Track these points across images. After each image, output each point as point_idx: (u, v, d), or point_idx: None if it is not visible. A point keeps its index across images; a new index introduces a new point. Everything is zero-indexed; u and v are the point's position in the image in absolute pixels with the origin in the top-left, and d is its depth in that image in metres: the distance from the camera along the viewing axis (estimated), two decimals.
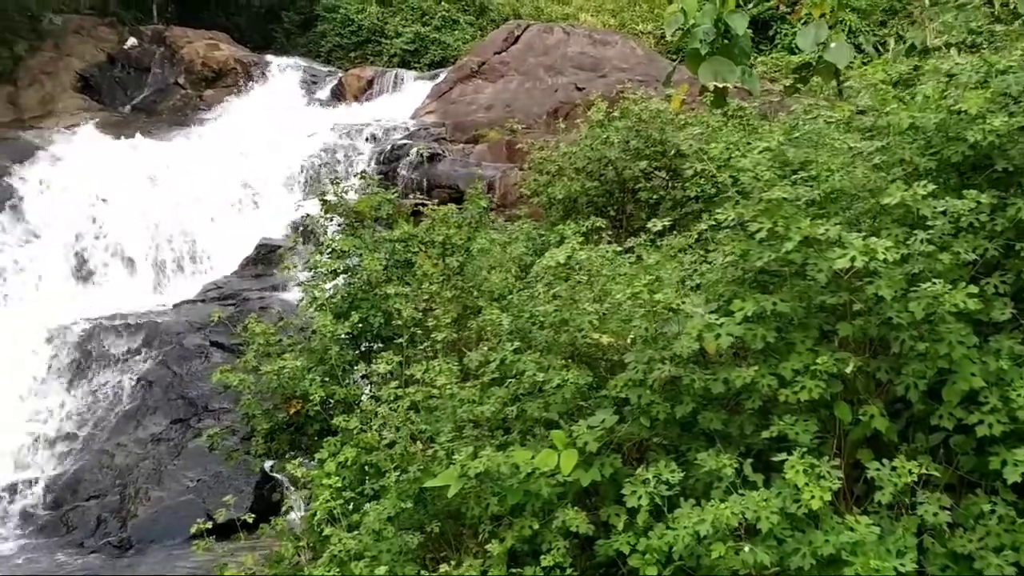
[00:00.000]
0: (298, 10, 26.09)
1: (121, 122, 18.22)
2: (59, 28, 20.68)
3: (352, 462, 4.35)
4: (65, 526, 9.60)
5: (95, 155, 15.24)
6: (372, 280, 5.27)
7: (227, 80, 21.11)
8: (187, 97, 20.76)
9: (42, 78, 20.05)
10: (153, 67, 21.44)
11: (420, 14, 25.34)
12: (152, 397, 11.11)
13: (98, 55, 21.39)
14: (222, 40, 22.21)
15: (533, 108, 18.08)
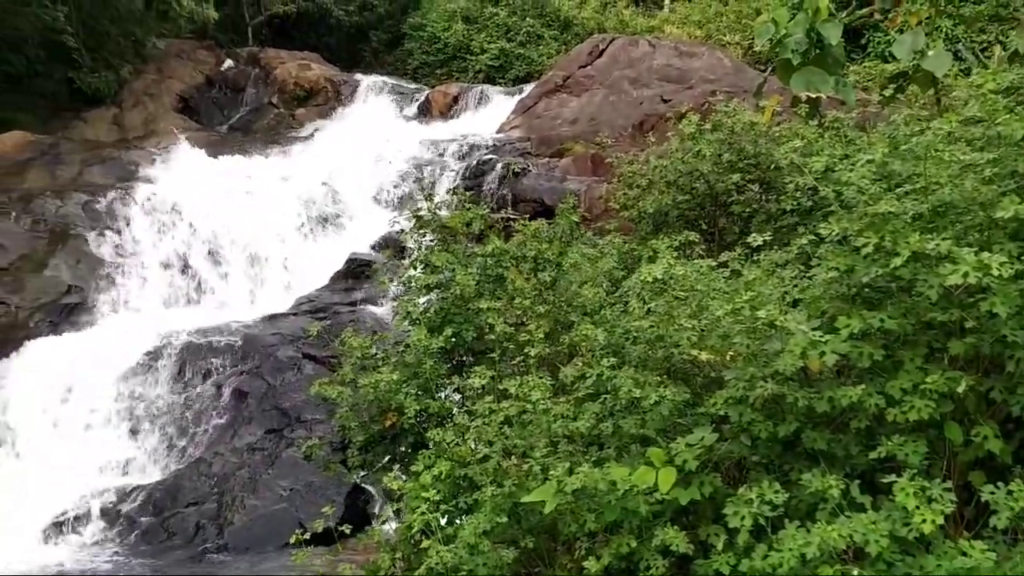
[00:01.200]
0: (386, 29, 26.67)
1: (218, 141, 18.85)
2: (161, 52, 21.60)
3: (446, 475, 4.38)
4: (166, 532, 9.86)
5: (193, 173, 15.77)
6: (465, 295, 5.32)
7: (318, 99, 21.70)
8: (280, 116, 21.42)
9: (145, 100, 20.96)
10: (248, 88, 22.20)
11: (505, 30, 25.60)
12: (247, 408, 11.33)
13: (197, 77, 22.27)
14: (313, 60, 22.86)
15: (618, 121, 18.02)
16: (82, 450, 10.88)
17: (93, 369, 11.54)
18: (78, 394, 11.37)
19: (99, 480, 10.46)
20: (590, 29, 25.31)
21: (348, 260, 14.17)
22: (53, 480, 10.35)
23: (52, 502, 10.02)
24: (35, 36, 18.97)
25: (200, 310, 13.63)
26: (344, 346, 5.60)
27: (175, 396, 11.57)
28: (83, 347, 11.98)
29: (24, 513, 9.83)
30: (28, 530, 9.67)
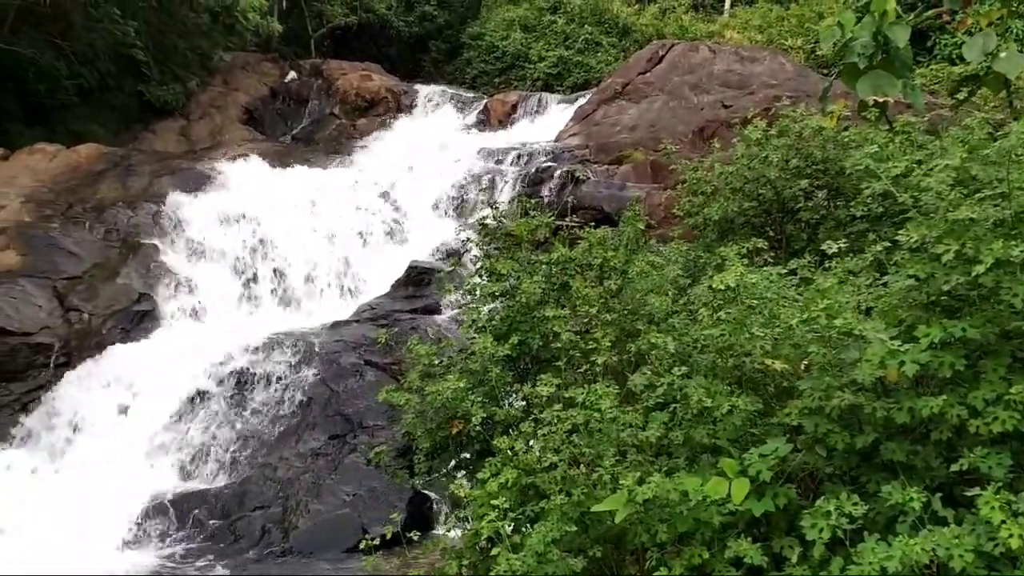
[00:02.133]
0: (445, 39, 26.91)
1: (282, 151, 19.18)
2: (227, 64, 22.10)
3: (513, 483, 4.38)
4: (233, 535, 10.01)
5: (258, 183, 16.07)
6: (530, 303, 5.32)
7: (379, 109, 21.98)
8: (342, 126, 21.74)
9: (211, 111, 21.45)
10: (311, 99, 22.59)
11: (563, 38, 25.64)
12: (311, 413, 11.46)
13: (261, 89, 22.73)
14: (374, 71, 23.17)
15: (678, 127, 17.88)
16: (153, 454, 11.12)
17: (163, 375, 11.79)
18: (148, 400, 11.62)
19: (170, 484, 10.66)
20: (649, 35, 25.21)
21: (408, 268, 14.28)
22: (125, 484, 10.57)
23: (125, 506, 10.22)
24: (107, 51, 19.59)
25: (265, 317, 13.87)
26: (411, 353, 5.64)
27: (241, 401, 11.74)
28: (153, 353, 12.26)
29: (98, 517, 10.04)
30: (102, 534, 9.87)
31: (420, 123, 21.20)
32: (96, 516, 10.07)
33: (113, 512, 10.14)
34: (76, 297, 12.74)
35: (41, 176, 15.01)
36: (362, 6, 25.79)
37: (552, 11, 26.31)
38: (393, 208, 16.25)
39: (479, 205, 16.37)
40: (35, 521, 9.97)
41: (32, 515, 10.09)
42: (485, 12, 27.31)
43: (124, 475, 10.75)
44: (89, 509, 10.17)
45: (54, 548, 9.39)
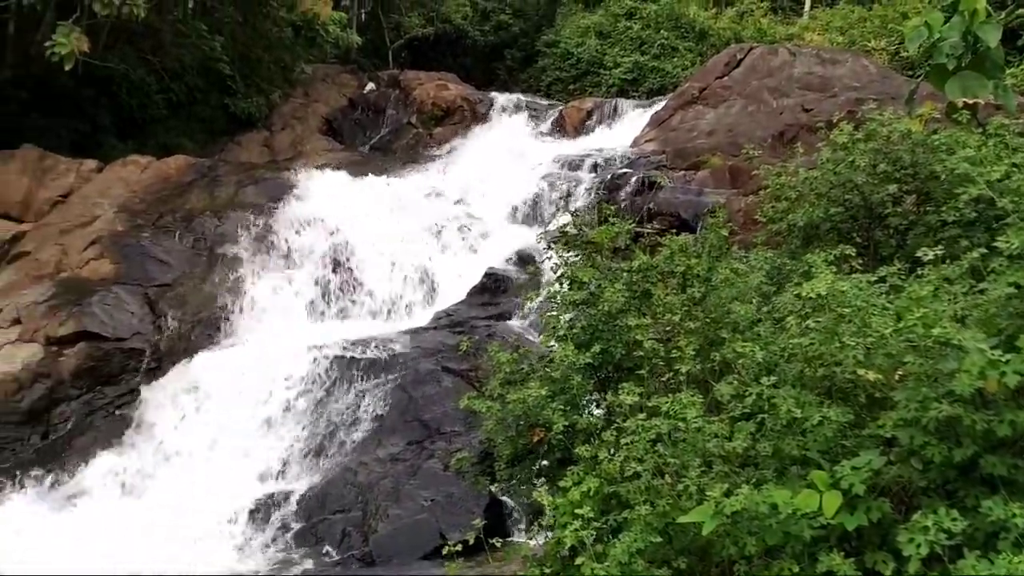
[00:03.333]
0: (520, 47, 27.07)
1: (360, 161, 19.54)
2: (308, 77, 22.63)
3: (595, 492, 4.36)
4: (315, 537, 10.17)
5: (337, 192, 16.38)
6: (611, 311, 5.30)
7: (455, 118, 22.20)
8: (418, 135, 22.03)
9: (293, 123, 21.99)
10: (388, 109, 22.96)
11: (639, 43, 25.52)
12: (390, 419, 11.58)
13: (340, 100, 23.20)
14: (450, 80, 23.42)
15: (757, 132, 17.59)
16: (237, 458, 11.39)
17: (248, 381, 12.09)
18: (233, 405, 11.92)
19: (254, 487, 10.90)
20: (726, 39, 24.90)
21: (485, 275, 14.36)
22: (211, 486, 10.86)
23: (211, 508, 10.49)
24: (195, 66, 20.29)
25: (345, 324, 14.10)
26: (492, 361, 5.66)
27: (323, 406, 11.93)
28: (238, 360, 12.58)
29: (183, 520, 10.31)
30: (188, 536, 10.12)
31: (495, 131, 21.33)
32: (183, 518, 10.36)
33: (199, 514, 10.42)
34: (166, 304, 13.19)
35: (133, 187, 15.59)
36: (439, 17, 26.15)
37: (628, 17, 26.20)
38: (469, 216, 16.37)
39: (555, 212, 16.38)
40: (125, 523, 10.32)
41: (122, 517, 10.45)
42: (560, 20, 27.36)
43: (210, 478, 11.04)
44: (176, 511, 10.48)
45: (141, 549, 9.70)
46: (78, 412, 11.92)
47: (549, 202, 16.41)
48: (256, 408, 11.88)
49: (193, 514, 10.40)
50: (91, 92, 18.74)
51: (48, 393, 11.79)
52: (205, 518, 10.35)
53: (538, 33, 27.15)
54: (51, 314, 12.44)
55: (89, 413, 11.96)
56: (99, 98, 19.08)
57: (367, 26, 25.36)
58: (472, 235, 15.92)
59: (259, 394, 11.98)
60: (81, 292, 12.87)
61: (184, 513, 10.42)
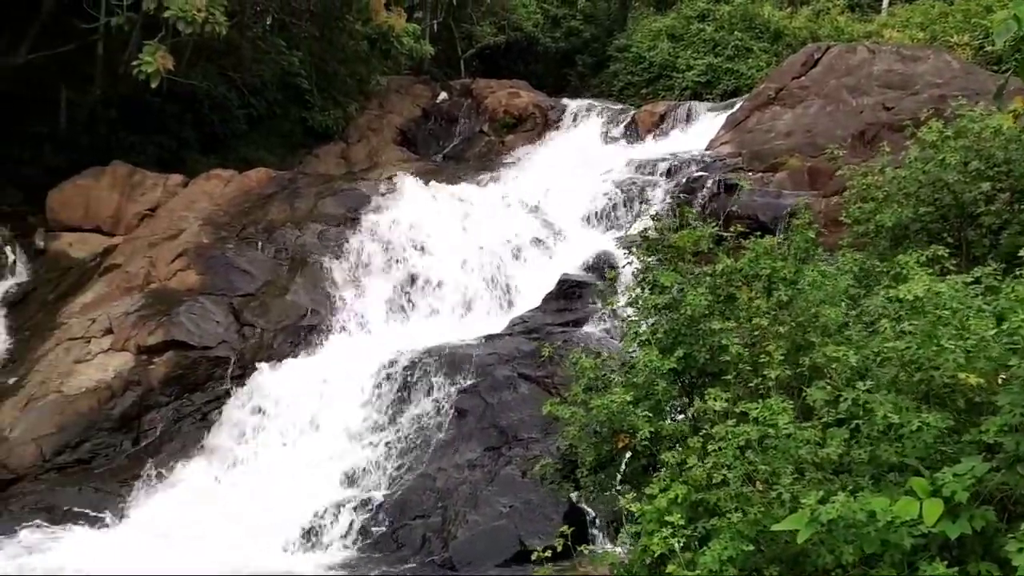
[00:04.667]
0: (591, 53, 27.02)
1: (434, 170, 19.72)
2: (383, 88, 22.98)
3: (683, 499, 4.30)
4: (395, 542, 10.26)
5: (413, 201, 16.55)
6: (695, 315, 5.23)
7: (527, 125, 22.27)
8: (491, 143, 22.15)
9: (368, 134, 22.36)
10: (461, 118, 23.16)
11: (712, 45, 25.22)
12: (467, 425, 11.62)
13: (414, 111, 23.50)
14: (522, 88, 23.50)
15: (836, 132, 17.19)
16: (320, 463, 11.58)
17: (328, 387, 12.31)
18: (314, 411, 12.13)
19: (336, 492, 11.06)
20: (802, 39, 24.43)
21: (560, 281, 14.33)
22: (295, 491, 11.05)
23: (294, 512, 10.68)
24: (273, 81, 20.80)
25: (422, 331, 14.20)
26: (575, 367, 5.64)
27: (401, 413, 12.06)
28: (319, 367, 12.82)
29: (268, 524, 10.51)
30: (272, 540, 10.32)
31: (568, 137, 21.31)
32: (264, 523, 10.57)
33: (281, 519, 10.61)
34: (250, 313, 13.51)
35: (217, 200, 16.03)
36: (510, 25, 26.29)
37: (700, 19, 25.93)
38: (543, 222, 16.37)
39: (629, 217, 16.28)
40: (213, 525, 10.58)
41: (210, 520, 10.71)
42: (631, 24, 27.22)
43: (294, 482, 11.25)
44: (258, 516, 10.70)
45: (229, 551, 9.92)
46: (167, 419, 12.27)
47: (623, 207, 16.32)
48: (336, 415, 12.07)
49: (274, 519, 10.60)
50: (176, 109, 19.38)
51: (139, 400, 12.18)
52: (286, 523, 10.53)
53: (609, 38, 27.06)
54: (141, 324, 12.86)
55: (177, 420, 12.31)
56: (183, 114, 19.72)
57: (439, 36, 25.65)
58: (546, 241, 15.92)
59: (339, 400, 12.18)
60: (169, 302, 13.27)
61: (265, 518, 10.62)
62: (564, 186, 17.31)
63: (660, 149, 19.21)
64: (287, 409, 12.14)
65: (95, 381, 12.20)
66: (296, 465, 11.58)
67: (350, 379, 12.39)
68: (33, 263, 15.60)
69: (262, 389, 12.42)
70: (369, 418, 12.04)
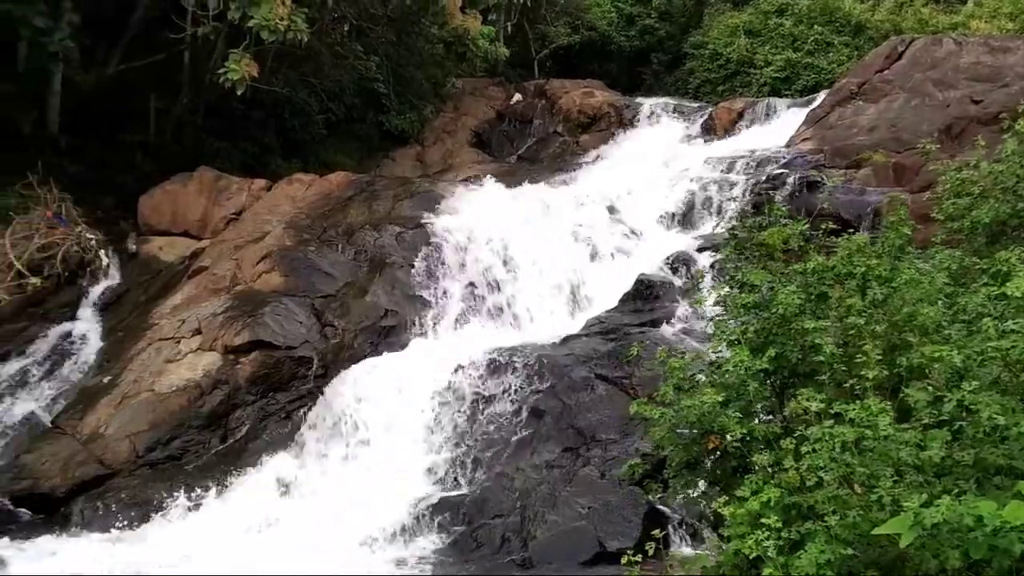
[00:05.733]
0: (666, 51, 26.78)
1: (509, 171, 19.79)
2: (458, 91, 23.17)
3: (776, 502, 4.23)
4: (475, 541, 10.31)
5: (488, 202, 16.64)
6: (786, 314, 5.13)
7: (601, 124, 22.18)
8: (565, 144, 22.13)
9: (443, 136, 22.57)
10: (535, 119, 23.19)
11: (791, 40, 24.77)
12: (544, 426, 11.62)
13: (488, 113, 23.64)
14: (596, 87, 23.44)
15: (922, 126, 16.70)
16: (398, 462, 11.72)
17: (407, 387, 12.44)
18: (395, 410, 12.28)
19: (415, 490, 11.19)
20: (885, 32, 23.78)
21: (636, 281, 14.23)
22: (376, 489, 11.21)
23: (376, 509, 10.82)
24: (351, 86, 21.18)
25: (498, 331, 14.29)
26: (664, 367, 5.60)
27: (479, 412, 12.12)
28: (398, 366, 12.97)
29: (349, 521, 10.65)
30: (353, 537, 10.43)
31: (643, 136, 21.16)
32: (349, 518, 10.73)
33: (365, 514, 10.77)
34: (331, 314, 13.77)
35: (299, 203, 16.39)
36: (584, 25, 26.23)
37: (778, 14, 25.46)
38: (619, 222, 16.28)
39: (707, 216, 16.07)
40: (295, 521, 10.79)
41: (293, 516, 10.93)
42: (707, 20, 26.87)
43: (374, 480, 11.42)
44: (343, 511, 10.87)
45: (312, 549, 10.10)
46: (253, 417, 12.58)
47: (701, 206, 16.13)
48: (415, 414, 12.19)
49: (355, 516, 10.75)
50: (259, 115, 19.89)
51: (226, 399, 12.51)
52: (367, 520, 10.67)
53: (685, 35, 26.77)
54: (228, 324, 13.21)
55: (263, 418, 12.60)
56: (266, 120, 20.23)
57: (513, 38, 25.73)
58: (622, 241, 15.82)
59: (418, 400, 12.29)
60: (254, 303, 13.60)
61: (346, 515, 10.79)
62: (640, 185, 17.17)
63: (738, 146, 18.91)
64: (368, 408, 12.31)
65: (185, 380, 12.58)
66: (376, 463, 11.75)
67: (429, 378, 12.49)
68: (126, 266, 16.15)
69: (344, 388, 12.61)
70: (447, 417, 12.12)
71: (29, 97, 17.20)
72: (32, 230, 15.05)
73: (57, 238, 15.13)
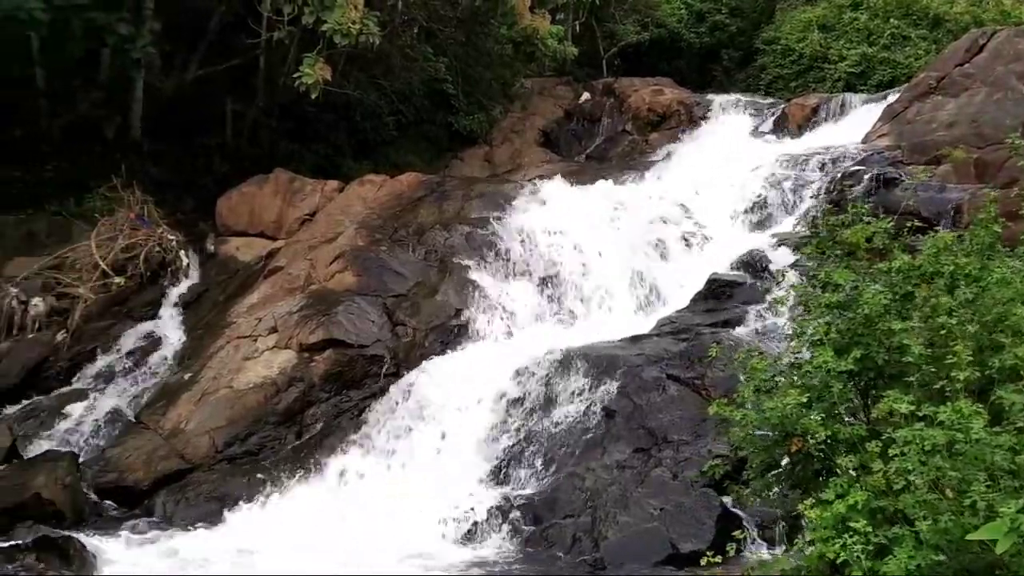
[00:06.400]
0: (737, 47, 26.45)
1: (577, 170, 19.71)
2: (526, 91, 23.23)
3: (863, 506, 4.14)
4: (545, 541, 10.30)
5: (557, 202, 16.63)
6: (872, 314, 5.02)
7: (671, 123, 21.97)
8: (634, 142, 21.98)
9: (512, 136, 22.64)
10: (603, 117, 23.10)
11: (866, 35, 24.20)
12: (615, 426, 11.55)
13: (556, 112, 23.63)
14: (665, 85, 23.23)
15: (1005, 121, 16.13)
16: (468, 460, 11.78)
17: (477, 385, 12.52)
18: (464, 408, 12.36)
19: (485, 489, 11.24)
20: (964, 24, 23.03)
21: (709, 281, 14.05)
22: (445, 487, 11.28)
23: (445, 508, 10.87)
24: (421, 87, 21.41)
25: (567, 330, 14.26)
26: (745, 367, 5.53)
27: (547, 411, 12.11)
28: (468, 366, 13.06)
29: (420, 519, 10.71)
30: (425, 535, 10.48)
31: (714, 133, 20.88)
32: (420, 516, 10.82)
33: (436, 512, 10.85)
34: (402, 313, 13.94)
35: (371, 204, 16.62)
36: (653, 22, 26.06)
37: (853, 8, 24.89)
38: (690, 220, 16.10)
39: (781, 214, 15.79)
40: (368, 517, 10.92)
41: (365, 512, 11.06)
42: (779, 15, 26.44)
43: (445, 478, 11.49)
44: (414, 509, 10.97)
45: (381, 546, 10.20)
46: (327, 414, 12.80)
47: (775, 204, 15.86)
48: (484, 412, 12.25)
49: (426, 514, 10.82)
50: (331, 118, 20.25)
51: (301, 396, 12.76)
52: (438, 518, 10.74)
53: (756, 31, 26.38)
54: (303, 323, 13.48)
55: (336, 415, 12.81)
56: (338, 123, 20.58)
57: (581, 37, 25.67)
58: (693, 240, 15.65)
59: (486, 398, 12.35)
60: (328, 303, 13.85)
61: (418, 513, 10.87)
62: (711, 183, 16.95)
63: (812, 143, 18.54)
64: (438, 406, 12.41)
65: (261, 377, 12.87)
66: (447, 461, 11.83)
67: (498, 377, 12.54)
68: (204, 266, 16.63)
69: (414, 386, 12.74)
70: (517, 416, 12.15)
71: (113, 104, 17.82)
72: (116, 231, 15.62)
73: (140, 239, 15.66)
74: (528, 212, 16.25)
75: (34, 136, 17.90)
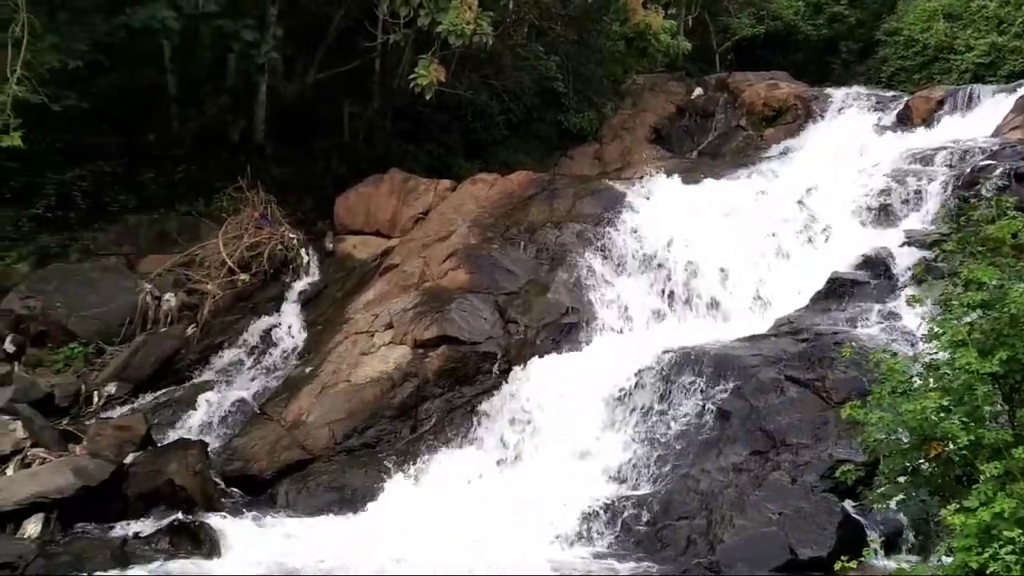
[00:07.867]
0: (856, 39, 25.61)
1: (690, 167, 19.42)
2: (637, 88, 23.04)
3: (1010, 514, 3.94)
4: (659, 542, 10.17)
5: (670, 199, 16.42)
6: (1019, 314, 4.76)
7: (787, 117, 21.43)
8: (748, 138, 21.53)
9: (622, 133, 22.50)
10: (716, 113, 22.70)
11: (996, 23, 23.03)
12: (730, 428, 11.31)
13: (668, 108, 23.35)
14: (781, 79, 22.69)
15: None
16: (584, 458, 11.76)
17: (591, 384, 12.47)
18: (576, 407, 12.32)
19: (599, 488, 11.17)
20: None
21: (829, 280, 13.62)
22: (558, 486, 11.27)
23: (560, 506, 10.87)
24: (531, 86, 21.51)
25: (681, 330, 14.05)
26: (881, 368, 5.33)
27: (662, 411, 11.97)
28: (579, 364, 13.03)
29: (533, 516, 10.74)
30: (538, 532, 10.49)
31: (833, 127, 20.23)
32: (533, 513, 10.84)
33: (549, 510, 10.86)
34: (514, 311, 14.02)
35: (482, 203, 16.80)
36: (769, 15, 25.45)
37: None
38: (808, 217, 15.62)
39: (906, 211, 15.16)
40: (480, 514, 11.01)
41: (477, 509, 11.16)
42: (902, 5, 25.42)
43: (558, 476, 11.49)
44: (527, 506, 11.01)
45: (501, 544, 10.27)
46: (440, 409, 13.00)
47: (899, 200, 15.24)
48: (597, 411, 12.19)
49: (540, 512, 10.83)
50: (443, 118, 20.58)
51: (416, 391, 13.00)
52: (551, 516, 10.74)
53: (877, 21, 25.44)
54: (417, 320, 13.73)
55: (449, 410, 13.00)
56: (450, 123, 20.91)
57: (693, 31, 25.32)
58: (812, 237, 15.19)
59: (599, 397, 12.29)
60: (441, 300, 14.06)
61: (530, 510, 10.90)
62: (831, 179, 16.41)
63: (938, 137, 17.75)
64: (551, 404, 12.43)
65: (378, 372, 13.17)
66: (559, 459, 11.82)
67: (611, 376, 12.44)
68: (323, 264, 17.19)
69: (527, 384, 12.81)
70: (630, 416, 12.05)
71: (238, 108, 18.59)
72: (242, 230, 16.31)
73: (263, 237, 16.30)
74: (639, 210, 16.10)
75: (166, 140, 18.92)
